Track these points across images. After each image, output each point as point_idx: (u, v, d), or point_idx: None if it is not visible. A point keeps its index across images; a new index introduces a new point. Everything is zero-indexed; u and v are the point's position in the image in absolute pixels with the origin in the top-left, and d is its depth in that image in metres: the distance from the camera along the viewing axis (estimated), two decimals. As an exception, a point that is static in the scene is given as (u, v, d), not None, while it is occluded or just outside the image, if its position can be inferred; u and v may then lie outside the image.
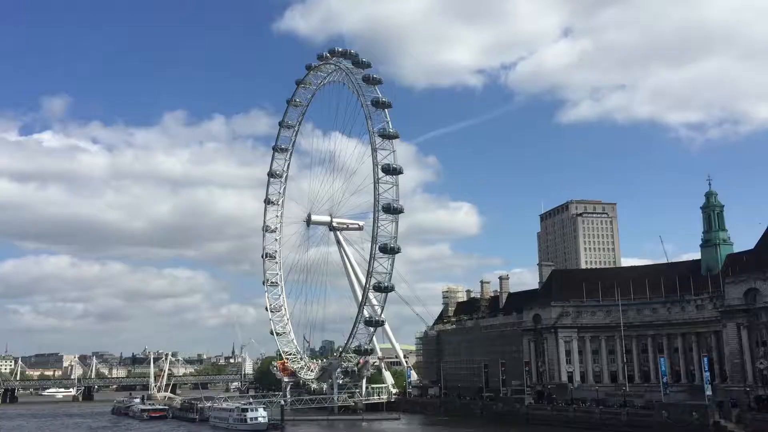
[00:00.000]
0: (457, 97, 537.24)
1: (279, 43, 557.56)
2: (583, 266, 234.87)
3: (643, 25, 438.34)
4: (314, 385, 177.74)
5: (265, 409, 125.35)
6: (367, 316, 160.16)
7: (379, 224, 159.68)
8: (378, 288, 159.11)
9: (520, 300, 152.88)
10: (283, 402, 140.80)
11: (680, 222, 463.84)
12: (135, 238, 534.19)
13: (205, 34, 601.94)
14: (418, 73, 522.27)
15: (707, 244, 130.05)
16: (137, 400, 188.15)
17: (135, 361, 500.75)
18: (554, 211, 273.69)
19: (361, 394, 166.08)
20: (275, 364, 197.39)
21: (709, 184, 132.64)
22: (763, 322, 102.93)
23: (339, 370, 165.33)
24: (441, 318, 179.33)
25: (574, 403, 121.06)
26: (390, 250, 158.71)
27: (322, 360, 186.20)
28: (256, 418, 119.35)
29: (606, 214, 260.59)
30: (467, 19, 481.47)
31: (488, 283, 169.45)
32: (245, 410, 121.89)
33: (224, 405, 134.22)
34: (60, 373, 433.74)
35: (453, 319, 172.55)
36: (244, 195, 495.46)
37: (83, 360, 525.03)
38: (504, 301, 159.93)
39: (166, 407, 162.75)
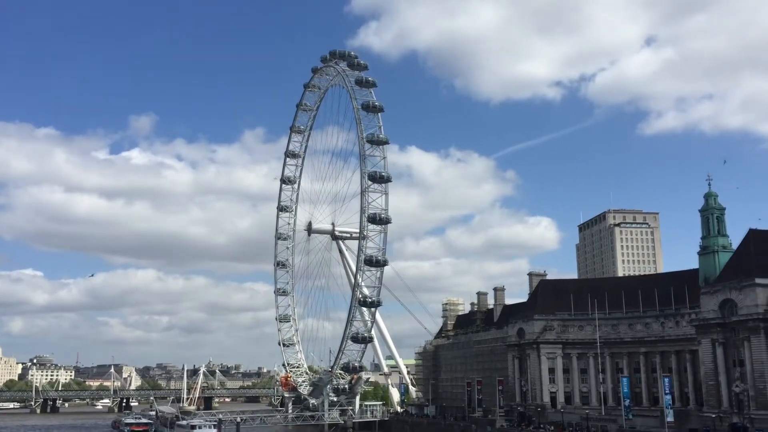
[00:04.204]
0: (536, 110, 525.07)
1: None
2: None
3: (731, 32, 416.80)
4: (313, 401, 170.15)
5: (214, 426, 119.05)
6: (355, 331, 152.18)
7: (366, 235, 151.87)
8: (364, 303, 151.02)
9: (514, 313, 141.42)
10: (239, 419, 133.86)
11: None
12: (217, 252, 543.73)
13: (282, 53, 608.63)
14: (494, 86, 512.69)
15: (705, 251, 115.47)
16: (154, 412, 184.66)
17: (195, 373, 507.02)
18: (592, 221, 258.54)
19: (354, 412, 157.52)
20: (278, 378, 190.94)
21: (709, 185, 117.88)
22: (741, 338, 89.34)
23: (330, 386, 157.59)
24: (440, 332, 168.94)
25: (542, 426, 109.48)
26: (376, 263, 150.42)
27: (312, 375, 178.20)
28: None
29: (647, 224, 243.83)
30: (543, 31, 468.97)
31: (485, 294, 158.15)
32: (194, 427, 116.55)
33: (183, 422, 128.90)
34: (119, 384, 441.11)
35: (451, 334, 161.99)
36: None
37: (146, 371, 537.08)
38: (498, 314, 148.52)
39: (151, 422, 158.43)
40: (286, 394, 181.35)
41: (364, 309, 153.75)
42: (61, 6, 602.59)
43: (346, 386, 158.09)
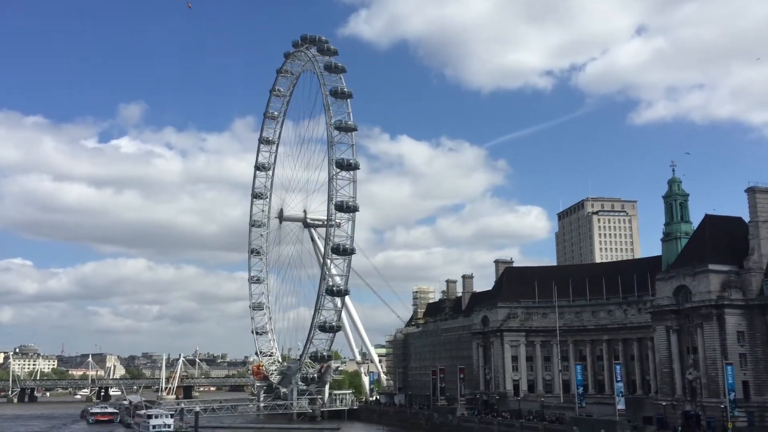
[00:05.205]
0: (526, 99, 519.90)
1: (343, 49, 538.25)
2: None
3: (722, 21, 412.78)
4: (283, 390, 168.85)
5: (172, 416, 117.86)
6: (323, 320, 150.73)
7: (334, 223, 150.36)
8: (331, 292, 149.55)
9: (480, 301, 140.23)
10: (198, 408, 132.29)
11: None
12: (208, 241, 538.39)
13: (272, 42, 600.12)
14: (485, 75, 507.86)
15: (668, 237, 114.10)
16: (126, 402, 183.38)
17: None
18: (571, 209, 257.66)
19: (323, 401, 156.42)
20: (250, 367, 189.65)
21: (673, 170, 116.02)
22: (694, 325, 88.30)
23: (298, 375, 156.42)
24: (411, 320, 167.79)
25: (502, 414, 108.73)
26: (343, 251, 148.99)
27: (281, 364, 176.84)
28: (158, 425, 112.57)
29: (625, 212, 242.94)
30: (534, 19, 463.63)
31: (455, 282, 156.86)
32: (150, 416, 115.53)
33: (142, 412, 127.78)
34: (102, 372, 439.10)
35: (420, 322, 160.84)
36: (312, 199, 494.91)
37: (131, 361, 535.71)
38: (466, 302, 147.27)
39: (116, 411, 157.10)
40: (258, 383, 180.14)
41: (335, 298, 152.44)
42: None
43: (315, 375, 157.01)
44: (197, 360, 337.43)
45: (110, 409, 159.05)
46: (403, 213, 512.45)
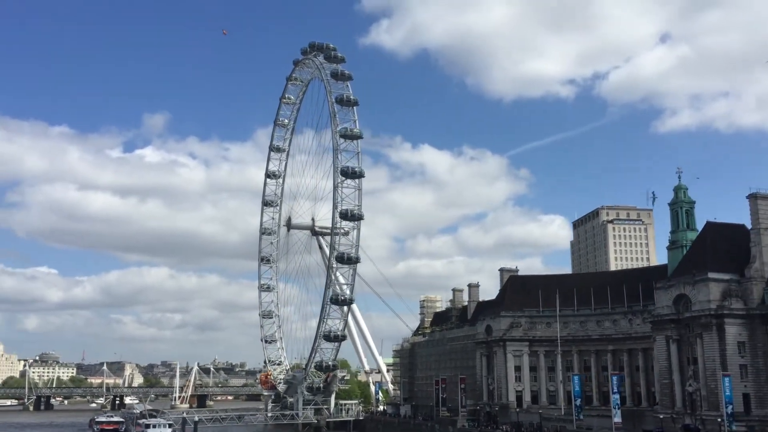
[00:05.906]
0: (549, 108, 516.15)
1: (364, 58, 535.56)
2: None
3: (746, 28, 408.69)
4: (290, 399, 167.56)
5: (171, 425, 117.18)
6: (328, 330, 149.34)
7: (339, 231, 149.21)
8: (336, 301, 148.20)
9: (485, 310, 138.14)
10: (197, 418, 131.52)
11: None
12: (230, 250, 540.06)
13: (293, 52, 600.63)
14: (507, 84, 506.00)
15: (673, 245, 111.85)
16: (137, 410, 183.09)
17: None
18: (586, 218, 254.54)
19: (329, 411, 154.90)
20: (258, 376, 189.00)
21: (679, 177, 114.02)
22: (694, 335, 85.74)
23: (304, 385, 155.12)
24: (418, 330, 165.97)
25: (502, 426, 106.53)
26: (348, 260, 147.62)
27: (286, 373, 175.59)
28: None
29: (640, 221, 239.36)
30: (556, 27, 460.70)
31: (461, 291, 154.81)
32: (147, 426, 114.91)
33: (141, 421, 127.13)
34: (120, 381, 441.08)
35: (427, 331, 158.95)
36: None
37: (150, 369, 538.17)
38: (472, 311, 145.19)
39: (122, 420, 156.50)
40: (265, 392, 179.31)
41: (341, 307, 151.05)
42: (74, 5, 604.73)
43: (321, 385, 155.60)
44: (212, 368, 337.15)
45: (116, 418, 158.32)
46: (424, 222, 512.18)
